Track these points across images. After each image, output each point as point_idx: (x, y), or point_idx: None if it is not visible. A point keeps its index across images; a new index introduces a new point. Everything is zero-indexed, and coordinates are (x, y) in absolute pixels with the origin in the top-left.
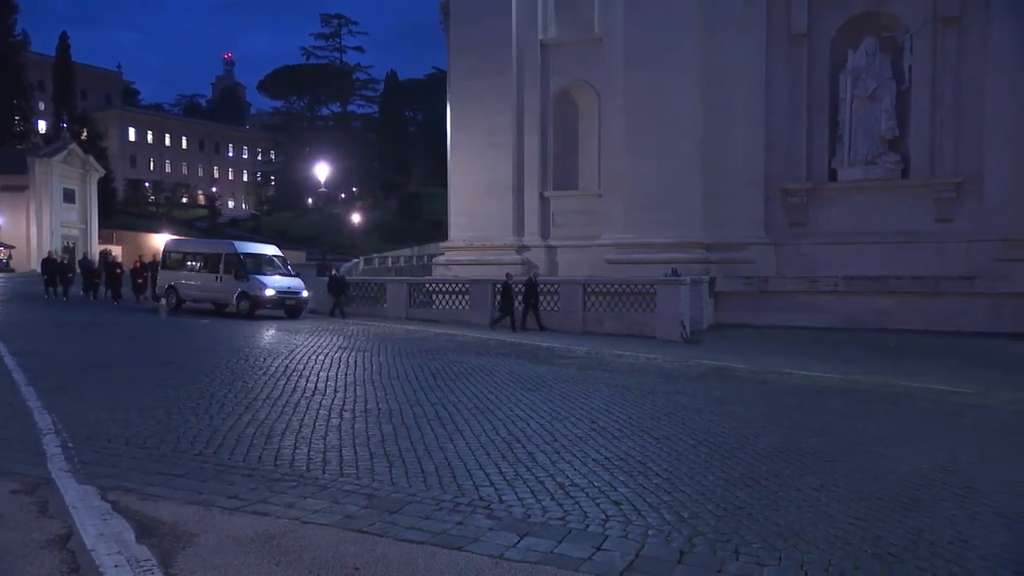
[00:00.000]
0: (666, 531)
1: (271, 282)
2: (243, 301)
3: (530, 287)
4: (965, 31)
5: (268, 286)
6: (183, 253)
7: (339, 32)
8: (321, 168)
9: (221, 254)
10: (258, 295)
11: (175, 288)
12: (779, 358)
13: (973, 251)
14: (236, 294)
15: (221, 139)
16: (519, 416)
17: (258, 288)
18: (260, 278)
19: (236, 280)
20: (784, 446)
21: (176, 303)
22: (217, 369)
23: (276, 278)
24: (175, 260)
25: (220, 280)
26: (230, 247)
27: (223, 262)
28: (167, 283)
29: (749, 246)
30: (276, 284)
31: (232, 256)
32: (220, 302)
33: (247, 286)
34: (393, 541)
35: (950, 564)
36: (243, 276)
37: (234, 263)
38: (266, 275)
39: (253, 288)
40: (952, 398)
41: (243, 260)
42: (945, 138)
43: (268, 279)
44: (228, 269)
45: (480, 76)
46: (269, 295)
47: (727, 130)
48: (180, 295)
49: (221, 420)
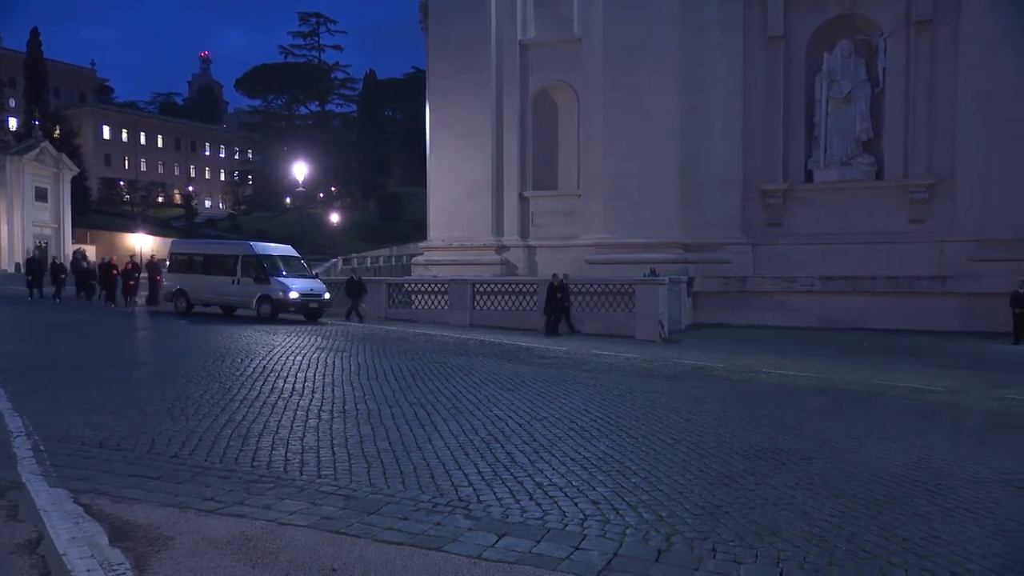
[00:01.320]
0: (644, 530)
1: (294, 284)
2: (264, 305)
3: (561, 290)
4: (937, 34)
5: (292, 288)
6: (193, 254)
7: (317, 31)
8: (299, 167)
9: (237, 256)
10: (281, 298)
11: (184, 291)
12: (756, 357)
13: (946, 251)
14: (256, 297)
15: (198, 138)
16: (498, 416)
17: (281, 291)
18: (282, 280)
19: (256, 283)
20: (761, 445)
21: (186, 307)
22: (194, 370)
23: (298, 280)
24: (184, 262)
25: (237, 283)
26: (247, 248)
27: (240, 264)
28: (175, 286)
29: (727, 246)
30: (299, 286)
31: (250, 258)
32: (237, 306)
33: (268, 289)
34: (371, 542)
35: (921, 560)
36: (264, 279)
37: (253, 265)
38: (287, 277)
39: (276, 291)
40: (925, 396)
41: (263, 262)
42: (918, 140)
43: (291, 281)
44: (246, 271)
45: (459, 76)
46: (293, 298)
47: (705, 131)
48: (191, 299)
49: (197, 421)
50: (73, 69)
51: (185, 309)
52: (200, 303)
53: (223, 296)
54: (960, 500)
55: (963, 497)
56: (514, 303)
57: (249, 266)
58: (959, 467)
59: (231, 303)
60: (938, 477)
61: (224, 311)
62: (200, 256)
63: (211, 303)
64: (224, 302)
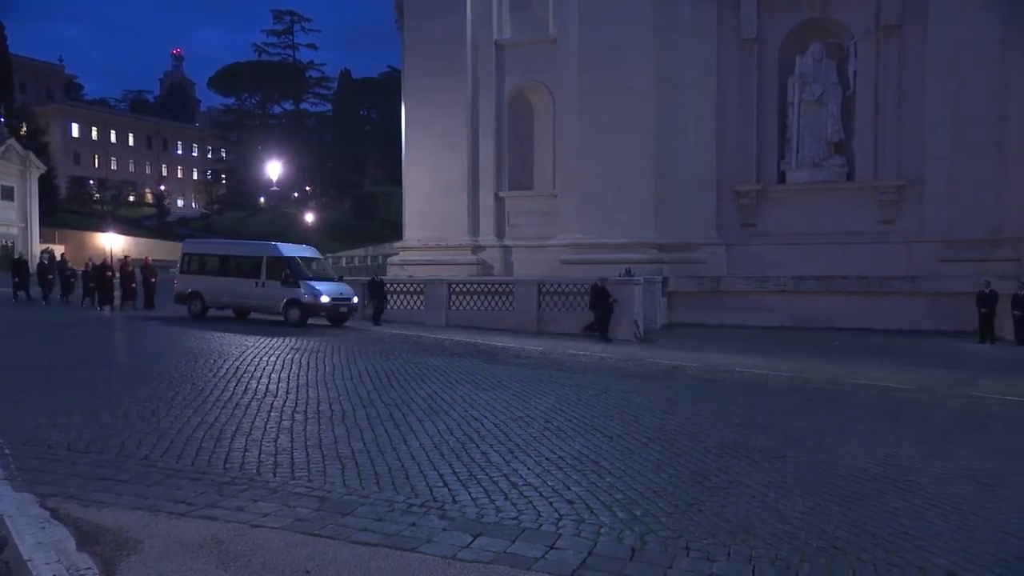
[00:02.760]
0: (618, 529)
1: (324, 287)
2: (293, 309)
3: (600, 293)
4: (905, 39)
5: (323, 292)
6: (209, 256)
7: (291, 29)
8: (273, 167)
9: (262, 257)
10: (312, 302)
11: (200, 294)
12: (730, 356)
13: (915, 251)
14: (284, 301)
15: (170, 136)
16: (473, 416)
17: (311, 295)
18: (312, 283)
19: (284, 286)
20: (734, 443)
21: (201, 310)
22: (166, 371)
23: (326, 283)
24: (199, 263)
25: (261, 286)
26: (273, 249)
27: (264, 266)
28: (188, 288)
29: (701, 246)
30: (329, 290)
31: (276, 259)
32: (260, 310)
33: (298, 292)
34: (345, 543)
35: (890, 555)
36: (292, 281)
37: (280, 267)
38: (316, 280)
39: (306, 295)
40: (895, 394)
41: (291, 264)
42: (888, 142)
43: (320, 285)
44: (272, 273)
45: (435, 76)
46: (324, 302)
47: (680, 132)
48: (206, 301)
49: (169, 423)
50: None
51: (200, 312)
52: (217, 306)
53: (244, 299)
54: (927, 496)
55: (930, 493)
56: (490, 303)
57: (275, 268)
58: (927, 464)
59: (253, 306)
60: (906, 474)
61: (237, 314)
62: (218, 257)
63: (229, 306)
64: (245, 305)
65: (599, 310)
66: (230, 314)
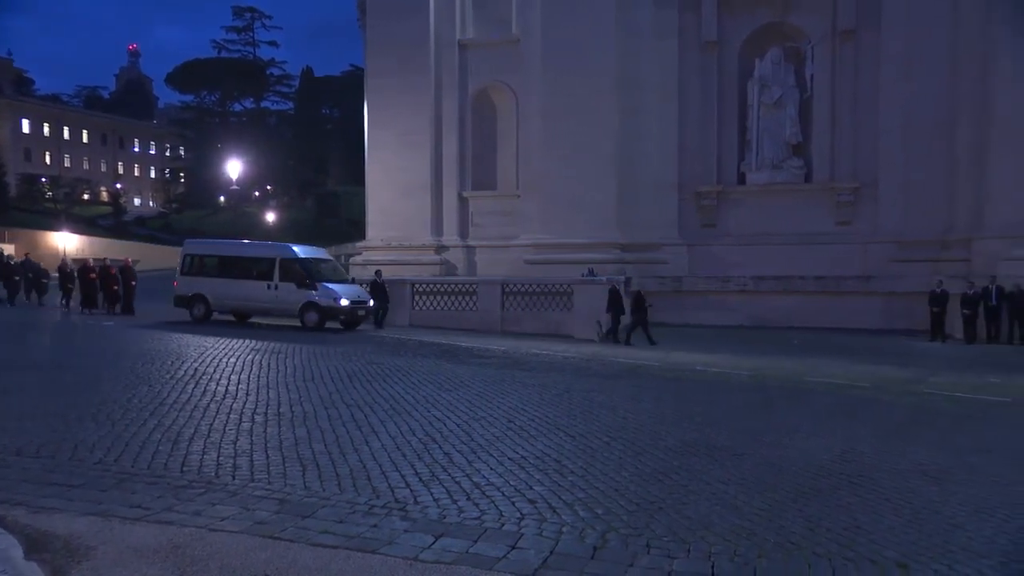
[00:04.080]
0: (580, 527)
1: (342, 290)
2: (310, 312)
3: (637, 299)
4: (861, 44)
5: (341, 295)
6: (213, 256)
7: (252, 26)
8: (233, 165)
9: (275, 259)
10: (331, 305)
11: (204, 296)
12: (692, 355)
13: (870, 252)
14: (301, 304)
15: (126, 133)
16: (436, 417)
17: (330, 297)
18: (330, 286)
19: (300, 289)
20: (695, 441)
21: (204, 313)
22: (122, 373)
23: (343, 286)
24: (202, 264)
25: (274, 288)
26: (287, 250)
27: (278, 268)
28: (192, 291)
29: (663, 247)
30: (347, 293)
31: (291, 261)
32: (272, 314)
33: (315, 296)
34: (305, 546)
35: (844, 549)
36: (309, 284)
37: (296, 270)
38: (333, 283)
39: (324, 297)
40: (850, 392)
41: (307, 266)
42: (844, 144)
43: (338, 287)
44: (286, 276)
45: (398, 75)
46: (344, 305)
47: (642, 133)
48: (211, 304)
49: (124, 426)
50: None
51: (203, 316)
52: (223, 310)
53: (255, 303)
54: (880, 491)
55: (883, 488)
56: (454, 303)
57: (289, 270)
58: (880, 459)
59: (265, 310)
60: (861, 469)
61: (238, 318)
62: (224, 258)
63: (237, 310)
64: (256, 309)
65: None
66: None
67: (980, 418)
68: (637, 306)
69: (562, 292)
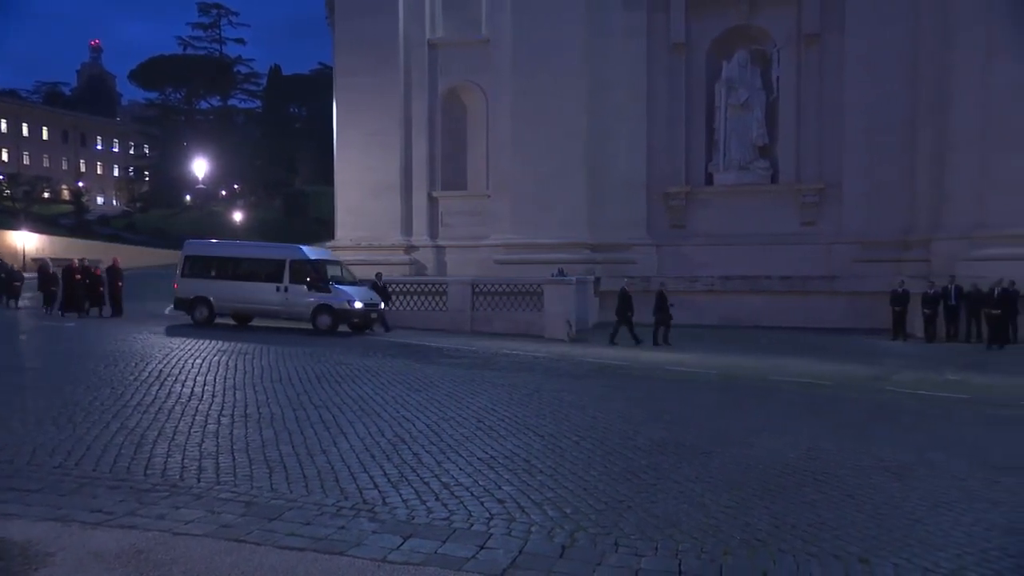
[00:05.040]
0: (549, 527)
1: (355, 293)
2: (323, 315)
3: (660, 299)
4: (825, 47)
5: (355, 298)
6: (217, 258)
7: (218, 22)
8: (199, 164)
9: (284, 260)
10: (345, 308)
11: (207, 299)
12: (660, 354)
13: (834, 252)
14: (314, 307)
15: (88, 130)
16: (405, 417)
17: (344, 300)
18: (344, 289)
19: (312, 291)
20: (663, 440)
21: (207, 316)
22: (84, 375)
23: (355, 288)
24: (204, 266)
25: (284, 291)
26: (297, 252)
27: (288, 270)
28: (193, 293)
29: (633, 247)
30: (361, 295)
31: (302, 263)
32: (283, 317)
33: (329, 298)
34: (272, 549)
35: (808, 545)
36: (322, 287)
37: (308, 272)
38: (346, 285)
39: (338, 300)
40: (816, 390)
41: (319, 268)
42: (809, 146)
43: (351, 289)
44: (296, 278)
45: (367, 74)
46: (358, 308)
47: (611, 134)
48: (215, 307)
49: (86, 429)
50: None
51: (206, 319)
52: (228, 312)
53: (263, 305)
54: (844, 487)
55: (847, 484)
56: (424, 303)
57: (301, 272)
58: (843, 456)
59: (274, 313)
60: (825, 466)
61: (237, 320)
62: (228, 259)
63: (243, 313)
64: (263, 312)
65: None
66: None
67: (940, 415)
68: (660, 306)
69: (532, 292)
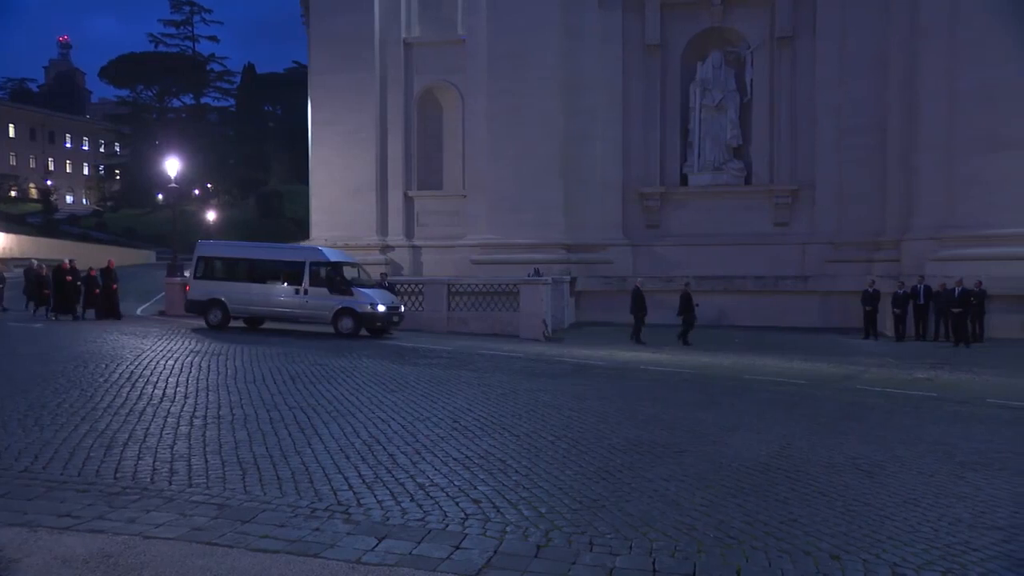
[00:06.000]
0: (524, 526)
1: (378, 296)
2: (346, 318)
3: (686, 300)
4: (797, 51)
5: (379, 301)
6: (232, 259)
7: (191, 20)
8: (172, 163)
9: (304, 263)
10: (369, 312)
11: (222, 301)
12: (636, 354)
13: (807, 253)
14: (336, 310)
15: (57, 128)
16: (380, 418)
17: (367, 303)
18: (366, 291)
19: (334, 294)
20: (638, 439)
21: (221, 319)
22: (52, 376)
23: (377, 291)
24: (219, 267)
25: (303, 293)
26: (317, 254)
27: (307, 272)
28: (207, 295)
29: (608, 247)
30: (383, 298)
31: (322, 265)
32: (303, 320)
33: (352, 301)
34: (245, 551)
35: (780, 542)
36: (345, 290)
37: (329, 274)
38: (368, 288)
39: (361, 303)
40: (789, 388)
41: (341, 271)
42: (782, 148)
43: (373, 292)
44: (317, 280)
45: (342, 73)
46: (381, 311)
47: (587, 134)
48: (230, 310)
49: (53, 432)
50: None
51: (219, 323)
52: (244, 315)
53: (282, 309)
54: (816, 485)
55: (818, 482)
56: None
57: (321, 275)
58: (815, 454)
59: (293, 316)
60: (797, 464)
61: (249, 323)
62: (244, 260)
63: (259, 316)
64: (282, 315)
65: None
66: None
67: (909, 412)
68: (686, 306)
69: (508, 292)
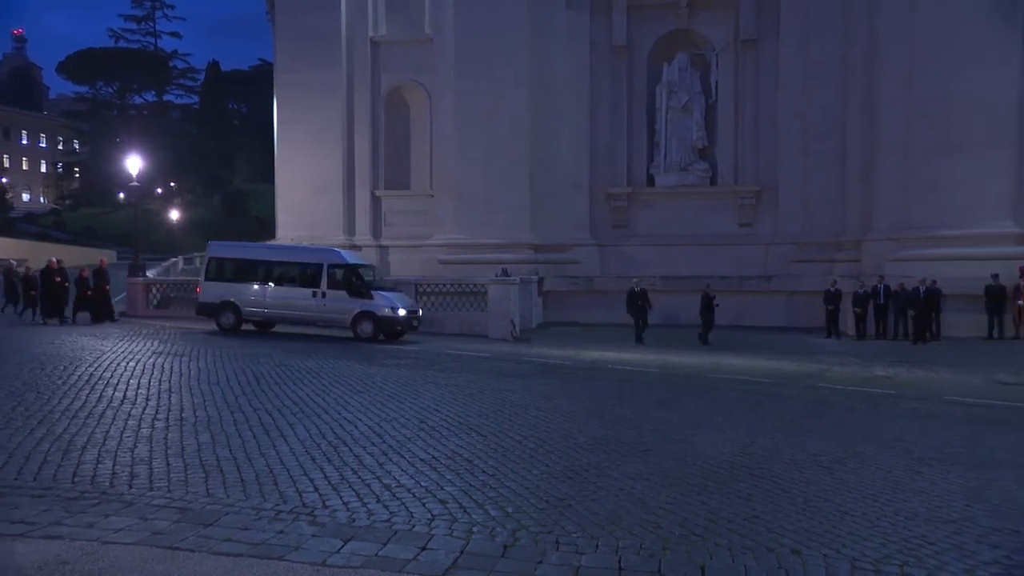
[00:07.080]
0: (491, 526)
1: (398, 299)
2: (365, 322)
3: (706, 300)
4: (761, 54)
5: (399, 304)
6: (244, 261)
7: (153, 15)
8: (133, 161)
9: (321, 264)
10: (388, 315)
11: (235, 304)
12: (603, 353)
13: (771, 253)
14: (354, 314)
15: (12, 124)
16: (346, 419)
17: (387, 307)
18: (386, 295)
19: (353, 297)
20: (604, 438)
21: (234, 322)
22: (5, 379)
23: (395, 294)
24: (231, 269)
25: (321, 296)
26: (334, 256)
27: (325, 275)
28: (219, 298)
29: (576, 247)
30: (402, 302)
31: (340, 267)
32: (320, 323)
33: (371, 305)
34: (207, 555)
35: (743, 539)
36: (364, 293)
37: (347, 277)
38: (386, 291)
39: (380, 307)
40: (753, 387)
41: (360, 274)
42: (747, 149)
43: (393, 295)
44: (334, 283)
45: (308, 71)
46: (401, 315)
47: (554, 135)
48: (243, 313)
49: (7, 437)
50: None
51: (232, 325)
52: (257, 318)
53: (298, 312)
54: (778, 482)
55: (781, 479)
56: None
57: (339, 277)
58: (778, 452)
59: (310, 319)
60: (761, 462)
61: (259, 326)
62: (258, 263)
63: (274, 319)
64: (298, 319)
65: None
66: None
67: (868, 410)
68: (707, 306)
69: (476, 292)
